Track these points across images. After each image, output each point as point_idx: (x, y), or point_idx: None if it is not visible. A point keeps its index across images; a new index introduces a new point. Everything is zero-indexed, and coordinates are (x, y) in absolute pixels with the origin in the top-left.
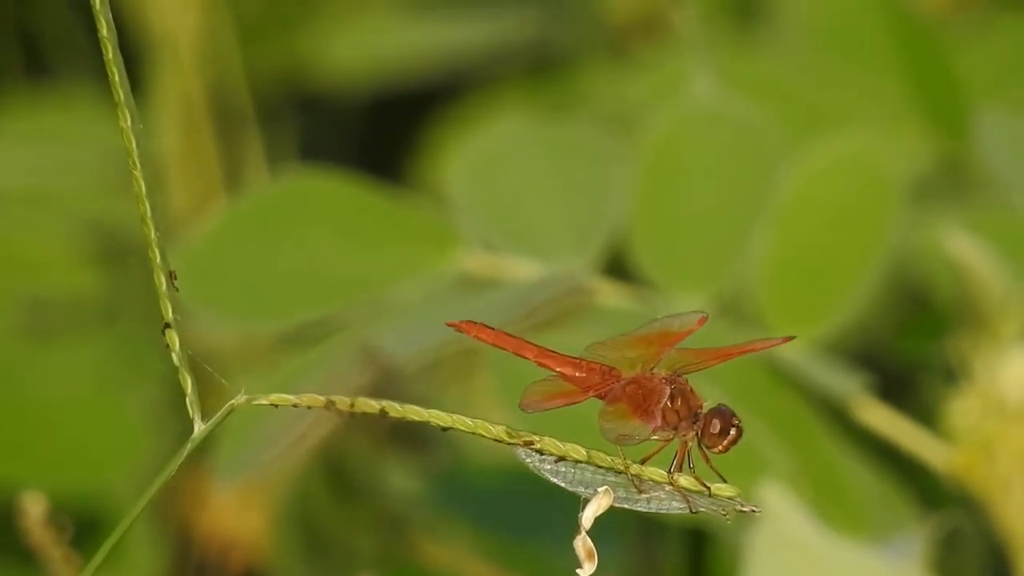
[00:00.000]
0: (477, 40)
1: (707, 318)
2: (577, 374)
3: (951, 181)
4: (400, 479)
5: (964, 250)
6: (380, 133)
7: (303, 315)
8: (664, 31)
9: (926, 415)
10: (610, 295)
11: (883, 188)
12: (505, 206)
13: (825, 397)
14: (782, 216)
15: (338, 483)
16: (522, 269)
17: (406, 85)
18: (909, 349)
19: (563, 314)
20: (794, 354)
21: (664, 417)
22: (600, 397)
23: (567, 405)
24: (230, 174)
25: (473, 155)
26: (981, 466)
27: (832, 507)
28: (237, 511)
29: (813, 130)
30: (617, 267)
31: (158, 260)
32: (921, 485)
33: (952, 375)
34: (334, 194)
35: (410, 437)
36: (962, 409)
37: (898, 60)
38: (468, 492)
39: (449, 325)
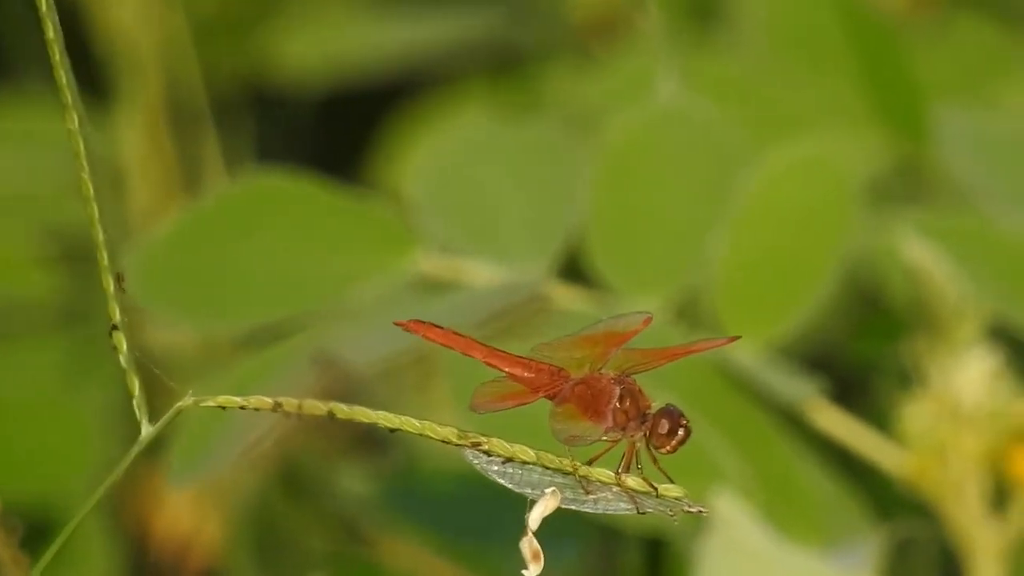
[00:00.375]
0: (437, 38)
1: (651, 318)
2: (526, 374)
3: (909, 182)
4: (352, 480)
5: (919, 254)
6: (338, 132)
7: (260, 317)
8: (627, 31)
9: (881, 418)
10: (567, 299)
11: (843, 193)
12: (464, 207)
13: (779, 401)
14: (740, 219)
15: (291, 483)
16: (480, 272)
17: (364, 83)
18: (864, 352)
19: (520, 322)
20: (748, 358)
21: (613, 418)
22: (550, 398)
23: (518, 406)
24: (189, 174)
25: (434, 154)
26: (934, 470)
27: (787, 512)
28: (193, 512)
29: (772, 132)
30: (576, 269)
31: (105, 262)
32: (875, 488)
33: (907, 378)
34: (292, 194)
35: (369, 443)
36: (916, 413)
37: (856, 61)
38: (419, 493)
39: (397, 324)
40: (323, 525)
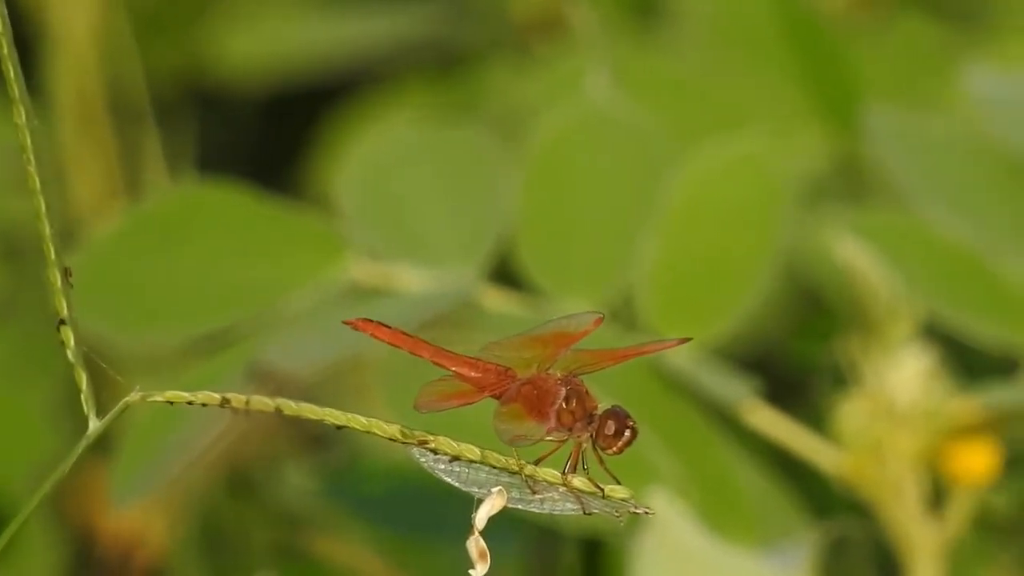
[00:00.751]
0: (379, 37)
1: (603, 319)
2: (472, 374)
3: (851, 181)
4: (297, 476)
5: (853, 254)
6: (280, 130)
7: (192, 328)
8: (568, 30)
9: (819, 418)
10: (498, 302)
11: (773, 191)
12: (393, 213)
13: (715, 401)
14: (670, 220)
15: (237, 480)
16: (410, 278)
17: (307, 81)
18: (805, 351)
19: (451, 327)
20: (683, 359)
21: (559, 418)
22: (496, 397)
23: (463, 405)
24: (129, 171)
25: (362, 162)
26: (871, 469)
27: (722, 512)
28: (140, 508)
29: (713, 129)
30: (506, 273)
31: (52, 256)
32: (812, 488)
33: (843, 378)
34: (222, 205)
35: (312, 445)
36: (851, 412)
37: (796, 59)
38: (364, 489)
39: (346, 323)
40: (268, 522)
